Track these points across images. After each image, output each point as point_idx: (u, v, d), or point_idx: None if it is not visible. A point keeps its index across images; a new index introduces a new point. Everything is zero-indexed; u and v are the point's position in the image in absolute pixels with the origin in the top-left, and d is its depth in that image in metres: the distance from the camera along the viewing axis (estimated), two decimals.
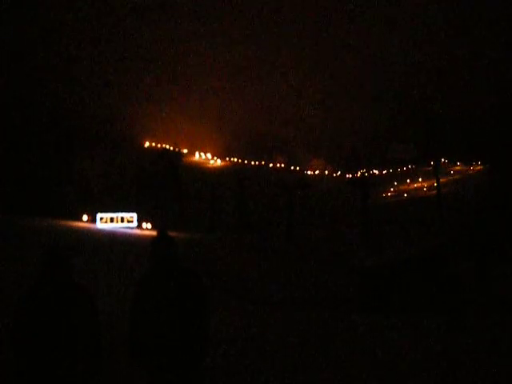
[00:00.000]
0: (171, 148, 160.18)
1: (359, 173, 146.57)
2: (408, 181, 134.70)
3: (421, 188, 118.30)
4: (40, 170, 52.03)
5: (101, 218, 42.63)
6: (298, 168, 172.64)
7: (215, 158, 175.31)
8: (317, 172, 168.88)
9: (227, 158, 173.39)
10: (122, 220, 43.44)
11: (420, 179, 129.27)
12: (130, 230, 40.97)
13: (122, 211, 44.92)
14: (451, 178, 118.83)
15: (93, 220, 43.40)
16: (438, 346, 9.02)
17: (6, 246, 21.63)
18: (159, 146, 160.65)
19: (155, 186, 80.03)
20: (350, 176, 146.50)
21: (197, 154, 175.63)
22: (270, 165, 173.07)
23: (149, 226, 45.84)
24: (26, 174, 49.50)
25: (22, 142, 50.75)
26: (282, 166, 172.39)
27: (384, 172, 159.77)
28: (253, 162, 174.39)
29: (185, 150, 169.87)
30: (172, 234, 4.29)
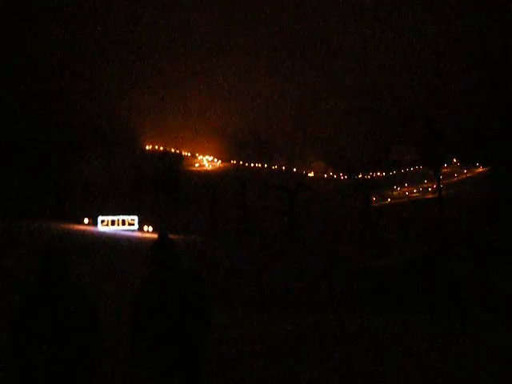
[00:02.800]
0: (172, 151, 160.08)
1: (361, 175, 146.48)
2: (409, 183, 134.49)
3: (423, 190, 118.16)
4: (41, 173, 52.07)
5: (102, 221, 42.64)
6: (298, 170, 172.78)
7: (216, 160, 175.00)
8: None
9: (229, 161, 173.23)
10: (123, 223, 43.44)
11: (422, 181, 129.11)
12: (131, 233, 40.97)
13: (123, 214, 44.94)
14: (455, 179, 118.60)
15: (94, 223, 43.42)
16: (440, 346, 9.01)
17: (7, 247, 21.63)
18: (160, 148, 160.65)
19: (156, 188, 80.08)
20: (351, 178, 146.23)
21: (198, 156, 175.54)
22: (266, 165, 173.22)
23: (150, 228, 45.85)
24: (28, 176, 49.53)
25: (23, 145, 50.80)
26: (283, 168, 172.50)
27: (386, 174, 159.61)
28: (254, 165, 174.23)
29: (185, 153, 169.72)
30: (173, 236, 4.28)
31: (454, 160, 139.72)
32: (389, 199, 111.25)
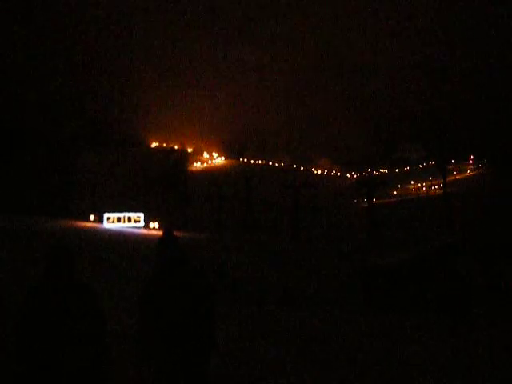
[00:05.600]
0: (178, 148, 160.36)
1: (366, 172, 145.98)
2: (415, 180, 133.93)
3: (427, 187, 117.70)
4: (47, 170, 52.19)
5: (108, 218, 42.71)
6: (304, 167, 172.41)
7: (221, 157, 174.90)
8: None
9: (234, 158, 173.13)
10: (129, 220, 43.50)
11: (428, 178, 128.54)
12: (137, 230, 41.03)
13: (128, 211, 45.00)
14: (458, 177, 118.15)
15: (100, 220, 43.49)
16: (444, 345, 9.00)
17: (12, 245, 21.70)
18: (166, 146, 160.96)
19: (162, 185, 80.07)
20: (357, 175, 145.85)
21: (203, 153, 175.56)
22: (276, 164, 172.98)
23: (156, 225, 45.90)
24: (34, 174, 49.66)
25: (29, 142, 50.93)
26: (288, 165, 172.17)
27: (392, 171, 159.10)
28: (259, 162, 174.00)
29: (191, 150, 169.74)
30: (178, 233, 4.29)
31: (472, 157, 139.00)
32: (394, 196, 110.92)
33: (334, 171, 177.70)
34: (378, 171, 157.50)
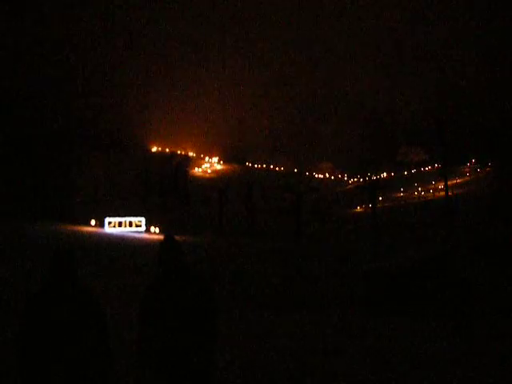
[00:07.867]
0: (179, 152, 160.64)
1: (368, 176, 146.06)
2: (417, 184, 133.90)
3: (430, 191, 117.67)
4: (49, 175, 52.30)
5: (109, 223, 42.79)
6: (306, 172, 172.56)
7: (222, 161, 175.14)
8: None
9: (236, 162, 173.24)
10: (131, 224, 43.57)
11: (430, 182, 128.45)
12: (138, 234, 41.06)
13: (130, 215, 45.07)
14: (461, 179, 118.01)
15: (101, 224, 43.56)
16: (446, 350, 8.97)
17: (15, 250, 21.74)
18: (167, 150, 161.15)
19: (163, 190, 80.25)
20: (359, 179, 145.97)
21: (205, 158, 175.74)
22: (282, 168, 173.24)
23: (157, 230, 45.95)
24: (35, 179, 49.75)
25: (31, 148, 51.05)
26: (290, 169, 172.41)
27: (394, 175, 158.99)
28: (261, 166, 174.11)
29: (192, 154, 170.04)
30: (179, 238, 4.28)
31: (473, 160, 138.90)
32: (396, 200, 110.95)
33: (336, 175, 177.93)
34: (380, 175, 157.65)
